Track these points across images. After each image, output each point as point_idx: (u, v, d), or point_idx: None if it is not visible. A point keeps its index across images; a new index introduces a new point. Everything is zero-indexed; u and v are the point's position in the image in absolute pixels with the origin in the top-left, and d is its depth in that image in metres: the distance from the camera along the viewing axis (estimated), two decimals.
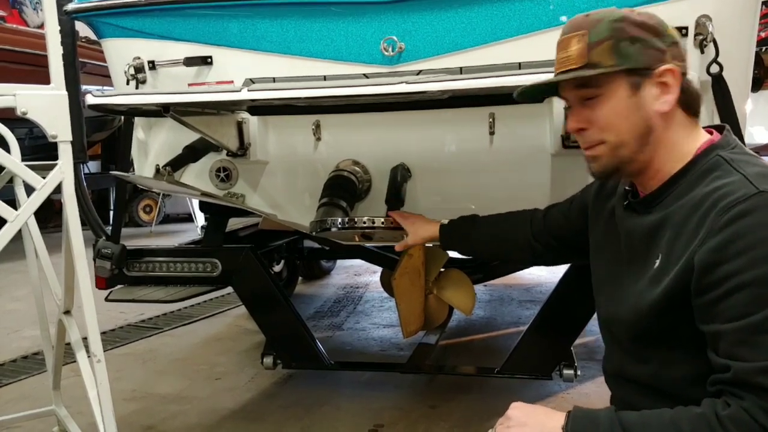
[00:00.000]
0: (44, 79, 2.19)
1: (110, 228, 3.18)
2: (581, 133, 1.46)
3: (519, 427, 1.33)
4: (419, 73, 2.52)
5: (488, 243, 2.20)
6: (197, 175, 3.00)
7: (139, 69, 2.85)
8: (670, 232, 1.35)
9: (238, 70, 2.74)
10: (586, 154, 1.47)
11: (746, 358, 1.18)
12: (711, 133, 1.45)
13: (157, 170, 2.75)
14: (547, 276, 5.62)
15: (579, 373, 2.95)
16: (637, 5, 2.30)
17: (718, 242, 1.21)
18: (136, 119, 3.00)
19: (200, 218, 7.57)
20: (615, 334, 1.54)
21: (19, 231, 2.29)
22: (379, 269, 4.37)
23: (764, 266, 1.17)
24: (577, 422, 1.29)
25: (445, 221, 2.33)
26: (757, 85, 4.80)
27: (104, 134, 9.85)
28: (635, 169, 1.44)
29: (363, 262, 5.33)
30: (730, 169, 1.31)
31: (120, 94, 2.54)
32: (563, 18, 2.44)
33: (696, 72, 2.36)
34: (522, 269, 4.40)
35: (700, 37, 2.36)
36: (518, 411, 1.37)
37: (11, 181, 2.69)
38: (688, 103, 1.40)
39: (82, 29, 3.14)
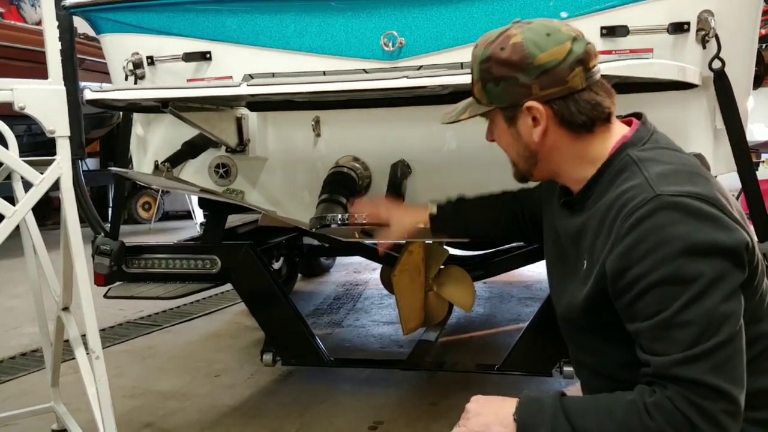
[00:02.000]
0: (42, 76, 2.18)
1: (109, 225, 3.17)
2: None
3: (476, 417, 1.41)
4: (420, 68, 2.51)
5: (480, 219, 2.19)
6: (196, 172, 2.99)
7: (137, 65, 2.84)
8: (590, 237, 1.43)
9: (237, 65, 2.73)
10: None
11: (661, 352, 1.26)
12: (631, 122, 1.51)
13: (156, 166, 2.74)
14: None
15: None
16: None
17: (623, 248, 1.30)
18: (135, 115, 2.99)
19: (199, 215, 7.57)
20: (562, 328, 1.65)
21: (18, 228, 2.28)
22: (378, 266, 4.36)
23: (666, 267, 1.25)
24: (524, 409, 1.37)
25: (432, 206, 2.19)
26: (757, 83, 4.79)
27: (102, 131, 9.85)
28: (541, 178, 1.59)
29: (362, 259, 5.35)
30: (635, 170, 1.38)
31: (119, 89, 2.53)
32: (564, 14, 2.43)
33: (698, 68, 2.35)
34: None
35: (702, 33, 2.35)
36: (475, 403, 1.46)
37: (9, 177, 2.68)
38: (573, 123, 1.43)
39: (81, 25, 3.12)
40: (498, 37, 1.44)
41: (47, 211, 9.63)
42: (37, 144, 6.96)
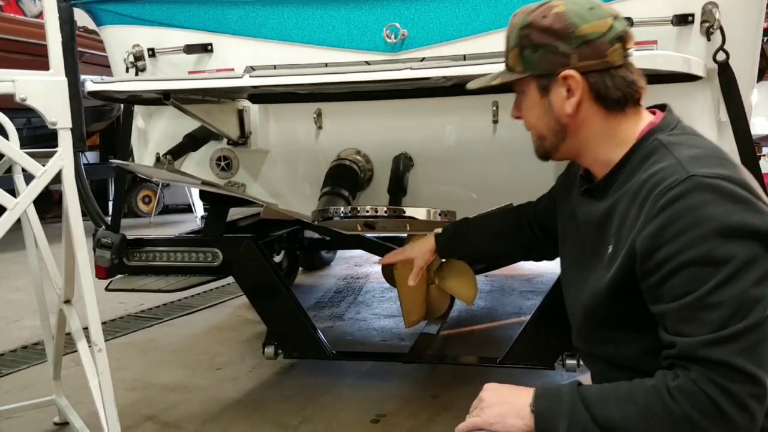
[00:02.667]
0: (41, 69, 2.16)
1: (110, 218, 3.16)
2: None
3: (490, 408, 1.41)
4: (422, 60, 2.50)
5: (485, 241, 2.19)
6: (198, 164, 2.99)
7: (138, 57, 2.84)
8: (617, 220, 1.42)
9: (239, 57, 2.73)
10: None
11: (689, 333, 1.25)
12: (654, 113, 1.51)
13: (158, 159, 2.73)
14: (548, 266, 5.60)
15: (581, 363, 2.94)
16: None
17: (654, 228, 1.28)
18: (136, 108, 2.98)
19: (199, 208, 7.57)
20: (576, 319, 1.61)
21: (18, 221, 2.27)
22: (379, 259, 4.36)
23: (698, 247, 1.24)
24: (542, 400, 1.35)
25: (437, 230, 2.26)
26: (760, 75, 4.77)
27: (103, 124, 9.84)
28: (565, 156, 1.55)
29: (363, 252, 5.34)
30: (666, 153, 1.37)
31: (120, 81, 2.52)
32: None
33: (702, 60, 2.34)
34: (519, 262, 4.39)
35: (707, 25, 2.34)
36: (489, 392, 1.45)
37: (10, 170, 2.67)
38: (607, 98, 1.43)
39: (81, 18, 3.10)
40: (539, 6, 1.44)
41: (47, 204, 9.63)
42: (36, 137, 6.96)
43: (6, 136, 2.43)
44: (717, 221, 1.23)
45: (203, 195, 3.80)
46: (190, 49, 2.77)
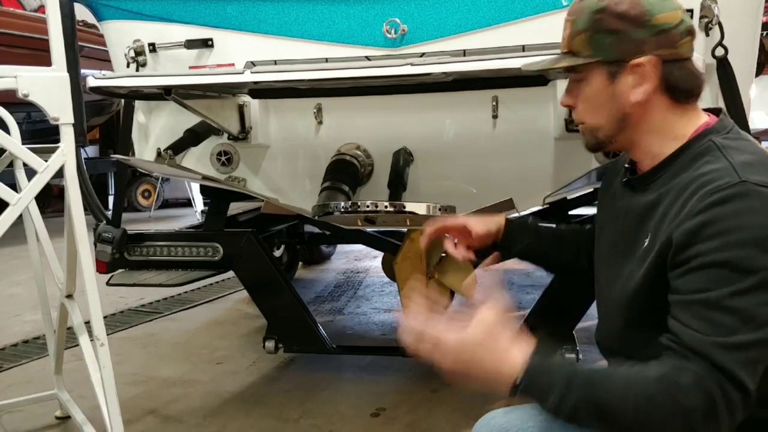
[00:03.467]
0: (40, 63, 2.17)
1: (110, 212, 3.17)
2: (573, 109, 1.54)
3: (466, 361, 1.30)
4: (422, 55, 2.50)
5: (550, 244, 1.99)
6: (198, 159, 2.99)
7: (139, 52, 2.84)
8: (659, 214, 1.39)
9: (240, 52, 2.73)
10: (580, 128, 1.56)
11: (697, 329, 1.23)
12: (708, 115, 1.48)
13: (159, 154, 2.74)
14: None
15: (581, 356, 2.96)
16: None
17: (695, 224, 1.26)
18: (137, 103, 2.98)
19: (199, 203, 7.57)
20: (609, 313, 1.58)
21: (20, 216, 2.28)
22: (379, 254, 4.36)
23: (733, 251, 1.22)
24: (531, 378, 1.28)
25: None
26: (759, 70, 4.78)
27: (102, 119, 9.84)
28: (619, 148, 1.52)
29: (363, 246, 5.34)
30: (719, 155, 1.35)
31: (122, 77, 2.53)
32: (564, 2, 2.43)
33: (701, 55, 2.35)
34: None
35: (706, 20, 2.35)
36: (467, 352, 1.31)
37: (11, 165, 2.68)
38: (676, 88, 1.41)
39: (81, 12, 3.11)
40: None
41: (47, 198, 9.63)
42: (36, 131, 6.96)
43: (7, 131, 2.44)
44: (759, 231, 1.22)
45: (204, 190, 3.81)
46: (190, 44, 2.77)
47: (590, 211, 4.24)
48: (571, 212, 4.16)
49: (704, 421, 1.20)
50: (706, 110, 1.49)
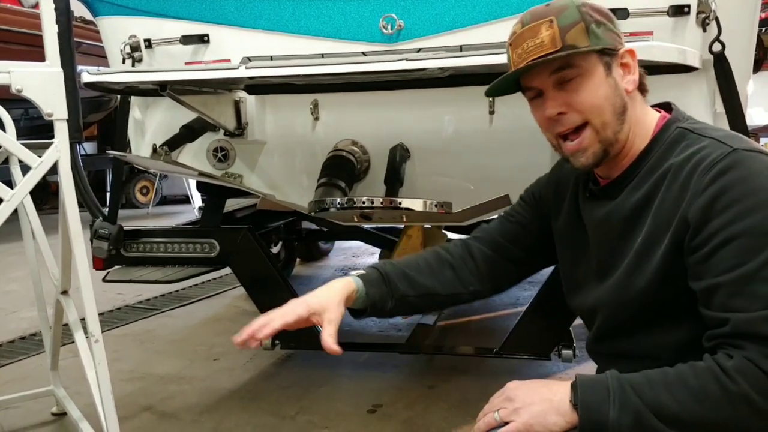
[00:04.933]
0: (38, 59, 2.16)
1: (107, 209, 3.17)
2: (560, 118, 1.42)
3: (526, 407, 1.29)
4: (419, 51, 2.50)
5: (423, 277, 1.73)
6: (194, 155, 2.99)
7: (135, 47, 2.83)
8: (650, 207, 1.37)
9: (235, 48, 2.72)
10: (569, 148, 1.43)
11: (743, 308, 1.20)
12: (659, 110, 1.50)
13: (155, 150, 2.73)
14: None
15: (578, 353, 2.95)
16: None
17: (705, 200, 1.25)
18: (133, 99, 2.98)
19: (197, 199, 7.56)
20: (606, 320, 1.52)
21: (16, 212, 2.27)
22: (377, 250, 4.37)
23: (751, 217, 1.21)
24: (584, 390, 1.26)
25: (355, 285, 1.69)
26: (756, 67, 4.77)
27: (100, 115, 9.82)
28: (617, 150, 1.43)
29: (361, 243, 5.35)
30: (696, 136, 1.36)
31: (117, 72, 2.52)
32: None
33: (698, 51, 2.34)
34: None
35: (703, 15, 2.34)
36: (519, 390, 1.33)
37: (6, 161, 2.67)
38: (642, 82, 1.46)
39: (77, 8, 3.10)
40: None
41: (44, 195, 9.63)
42: (34, 128, 6.95)
43: (3, 128, 2.43)
44: (767, 192, 1.23)
45: (200, 186, 3.80)
46: (186, 39, 2.76)
47: None
48: None
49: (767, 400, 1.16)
50: (653, 106, 1.51)
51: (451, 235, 3.13)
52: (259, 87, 2.71)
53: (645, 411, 1.21)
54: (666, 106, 1.50)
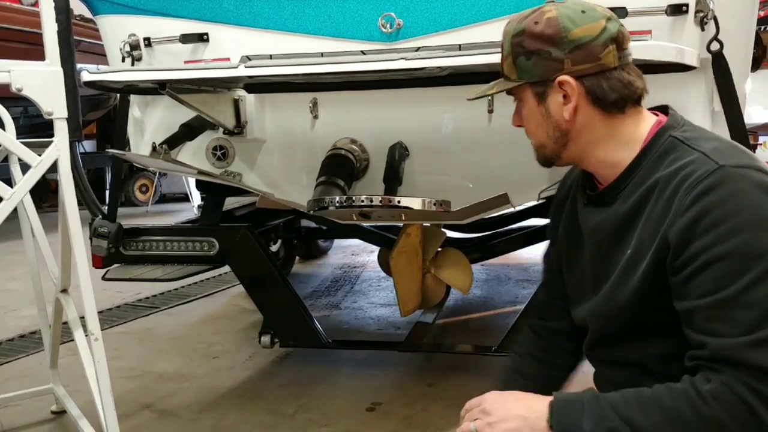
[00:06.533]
0: (38, 58, 2.16)
1: (106, 207, 3.17)
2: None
3: (501, 423, 1.31)
4: (418, 49, 2.50)
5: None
6: (194, 154, 2.99)
7: (134, 46, 2.83)
8: (638, 220, 1.36)
9: (235, 47, 2.72)
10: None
11: (722, 333, 1.19)
12: (656, 114, 1.46)
13: (154, 148, 2.73)
14: None
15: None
16: None
17: (686, 221, 1.23)
18: (132, 97, 2.98)
19: (196, 198, 7.57)
20: (596, 330, 1.53)
21: (15, 211, 2.28)
22: (376, 249, 4.37)
23: (732, 239, 1.19)
24: (561, 411, 1.28)
25: None
26: (755, 65, 4.78)
27: (100, 113, 9.81)
28: (568, 162, 1.49)
29: (360, 241, 5.35)
30: (686, 148, 1.33)
31: (116, 71, 2.52)
32: None
33: (696, 50, 2.35)
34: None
35: (701, 14, 2.35)
36: (496, 404, 1.36)
37: (6, 159, 2.68)
38: (605, 101, 1.38)
39: (77, 6, 3.10)
40: (532, 13, 1.41)
41: (44, 193, 9.62)
42: (33, 126, 6.95)
43: (2, 126, 2.44)
44: (753, 212, 1.19)
45: (199, 184, 3.80)
46: (186, 38, 2.77)
47: None
48: None
49: (742, 426, 1.16)
50: (652, 109, 1.48)
51: (450, 233, 3.14)
52: (258, 86, 2.71)
53: (620, 424, 1.22)
54: (664, 109, 1.48)
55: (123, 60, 2.84)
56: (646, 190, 1.35)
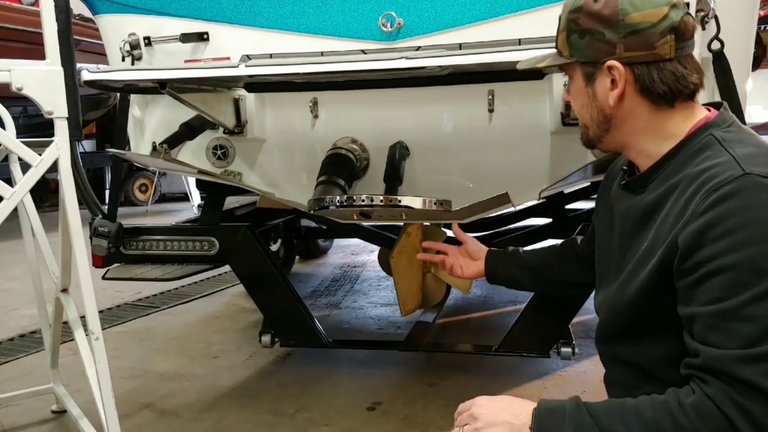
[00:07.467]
0: (37, 57, 2.16)
1: (106, 207, 3.17)
2: None
3: (487, 428, 1.32)
4: (418, 49, 2.50)
5: (535, 269, 2.00)
6: (194, 153, 2.99)
7: (134, 45, 2.83)
8: (662, 214, 1.34)
9: (235, 46, 2.72)
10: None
11: (718, 344, 1.17)
12: (709, 110, 1.42)
13: (154, 148, 2.73)
14: None
15: (577, 351, 2.96)
16: None
17: (700, 225, 1.20)
18: (132, 97, 2.98)
19: (196, 197, 7.56)
20: (603, 321, 1.54)
21: (16, 210, 2.28)
22: (376, 248, 4.37)
23: (743, 251, 1.16)
24: (543, 419, 1.28)
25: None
26: (755, 64, 4.78)
27: (99, 113, 9.81)
28: (610, 148, 1.48)
29: (360, 241, 5.34)
30: (720, 148, 1.29)
31: (116, 70, 2.52)
32: None
33: (697, 49, 2.34)
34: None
35: (702, 14, 2.34)
36: (484, 409, 1.35)
37: (6, 158, 2.67)
38: (653, 92, 1.35)
39: (77, 6, 3.10)
40: None
41: (44, 193, 9.62)
42: (33, 125, 6.94)
43: (2, 125, 2.43)
44: (767, 225, 1.16)
45: (200, 184, 3.80)
46: (186, 37, 2.76)
47: (586, 205, 4.26)
48: (567, 206, 4.17)
49: None
50: (707, 105, 1.43)
51: (450, 233, 3.13)
52: (258, 85, 2.70)
53: None
54: (718, 105, 1.43)
55: (123, 59, 2.84)
56: (671, 185, 1.33)
